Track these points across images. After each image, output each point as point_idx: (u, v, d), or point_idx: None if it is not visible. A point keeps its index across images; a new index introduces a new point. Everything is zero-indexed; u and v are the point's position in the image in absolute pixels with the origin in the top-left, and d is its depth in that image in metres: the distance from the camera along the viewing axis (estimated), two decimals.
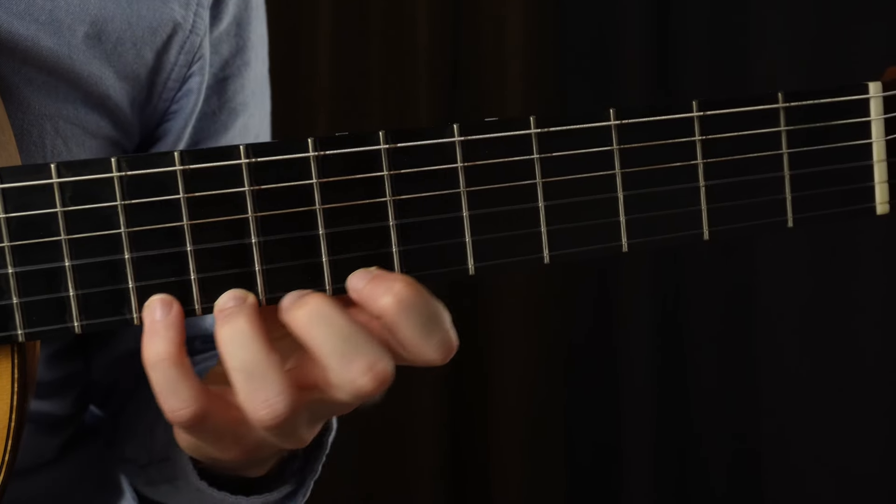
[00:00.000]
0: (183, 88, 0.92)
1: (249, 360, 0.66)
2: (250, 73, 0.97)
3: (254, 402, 0.66)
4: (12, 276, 0.67)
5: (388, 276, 0.68)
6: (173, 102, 0.92)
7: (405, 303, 0.68)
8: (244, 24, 0.96)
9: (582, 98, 2.34)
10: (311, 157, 0.69)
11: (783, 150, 0.75)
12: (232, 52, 0.96)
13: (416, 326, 0.68)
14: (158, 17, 0.88)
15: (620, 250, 0.73)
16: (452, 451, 2.36)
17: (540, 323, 2.35)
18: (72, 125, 0.85)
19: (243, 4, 0.96)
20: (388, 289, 0.68)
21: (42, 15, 0.82)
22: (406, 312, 0.68)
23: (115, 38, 0.86)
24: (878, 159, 0.75)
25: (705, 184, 0.74)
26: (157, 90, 0.91)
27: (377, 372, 0.66)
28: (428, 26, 2.29)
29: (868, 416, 2.33)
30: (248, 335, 0.67)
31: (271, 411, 0.66)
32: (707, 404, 2.38)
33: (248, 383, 0.66)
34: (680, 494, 2.41)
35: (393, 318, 0.68)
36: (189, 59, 0.91)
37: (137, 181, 0.68)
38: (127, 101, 0.89)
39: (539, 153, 0.72)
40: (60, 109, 0.84)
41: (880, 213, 0.76)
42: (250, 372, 0.66)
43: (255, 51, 0.97)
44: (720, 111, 0.73)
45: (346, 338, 0.66)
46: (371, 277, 0.69)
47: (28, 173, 0.67)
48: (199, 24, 0.91)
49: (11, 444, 0.71)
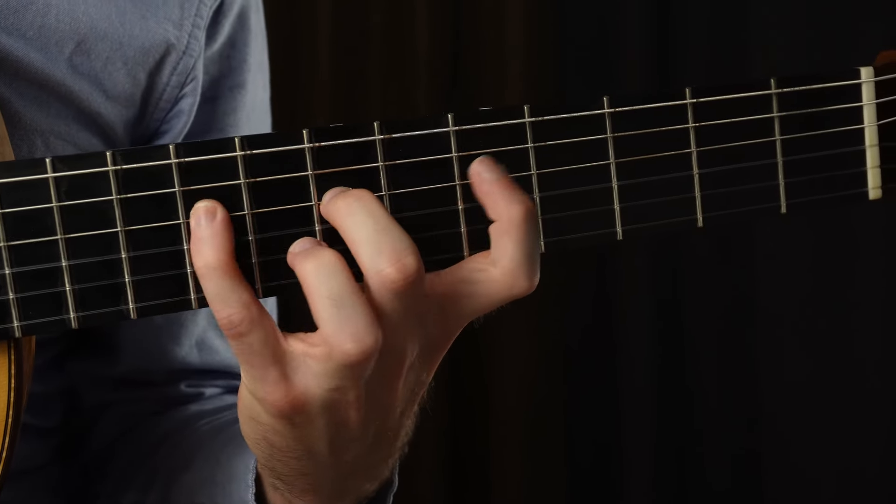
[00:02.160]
0: (174, 109, 0.91)
1: (339, 289, 0.66)
2: (245, 96, 0.96)
3: (342, 333, 0.66)
4: (8, 273, 0.67)
5: (519, 188, 0.70)
6: (163, 122, 0.92)
7: (529, 215, 0.69)
8: (239, 46, 0.95)
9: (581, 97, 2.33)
10: (306, 149, 0.69)
11: (776, 137, 0.75)
12: (223, 73, 0.95)
13: (529, 244, 0.69)
14: (152, 37, 0.88)
15: (615, 238, 0.73)
16: (452, 451, 2.36)
17: (539, 322, 2.34)
18: (63, 141, 0.85)
19: (239, 25, 0.95)
20: (517, 200, 0.69)
21: (30, 30, 0.82)
22: (526, 226, 0.69)
23: (105, 57, 0.86)
24: (871, 144, 0.76)
25: (699, 172, 0.74)
26: (149, 110, 0.90)
27: (404, 264, 0.66)
28: (428, 26, 2.29)
29: (868, 415, 2.32)
30: (336, 266, 0.66)
31: (359, 344, 0.66)
32: (707, 403, 2.37)
33: (338, 312, 0.66)
34: (680, 494, 2.41)
35: (512, 227, 0.69)
36: (181, 80, 0.91)
37: (132, 175, 0.68)
38: (119, 119, 0.88)
39: (533, 142, 0.72)
40: (52, 125, 0.84)
41: (872, 197, 0.76)
42: (341, 301, 0.66)
43: (250, 74, 0.96)
44: (713, 98, 0.74)
45: (381, 228, 0.67)
46: (501, 177, 0.70)
47: (23, 168, 0.67)
48: (193, 46, 0.91)
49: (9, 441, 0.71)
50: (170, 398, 0.98)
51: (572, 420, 2.39)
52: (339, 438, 0.71)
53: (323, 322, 0.66)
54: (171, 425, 0.96)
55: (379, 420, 0.72)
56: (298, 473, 0.74)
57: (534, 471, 2.36)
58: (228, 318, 0.67)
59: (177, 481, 0.90)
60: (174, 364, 0.96)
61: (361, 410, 0.70)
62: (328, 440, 0.71)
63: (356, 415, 0.70)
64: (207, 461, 0.88)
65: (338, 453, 0.72)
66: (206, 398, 0.98)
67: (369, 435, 0.72)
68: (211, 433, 0.92)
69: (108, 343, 0.96)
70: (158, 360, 0.96)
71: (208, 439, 0.91)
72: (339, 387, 0.68)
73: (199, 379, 0.98)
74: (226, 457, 0.86)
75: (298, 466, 0.73)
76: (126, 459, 0.96)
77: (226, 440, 0.89)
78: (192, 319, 0.96)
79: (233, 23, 0.94)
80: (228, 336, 0.68)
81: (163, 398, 0.97)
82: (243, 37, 0.95)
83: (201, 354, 0.97)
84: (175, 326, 0.96)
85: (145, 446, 0.95)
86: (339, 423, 0.70)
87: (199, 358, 0.97)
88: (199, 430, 0.94)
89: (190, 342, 0.96)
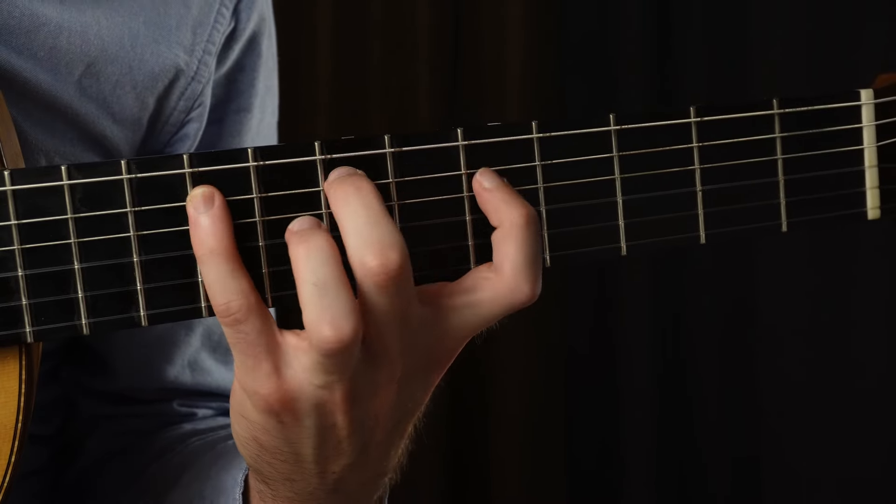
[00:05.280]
0: (179, 133, 0.92)
1: (326, 275, 0.66)
2: (251, 120, 0.96)
3: (322, 319, 0.66)
4: (21, 278, 0.68)
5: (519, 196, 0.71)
6: (168, 145, 0.92)
7: (531, 220, 0.70)
8: (248, 70, 0.95)
9: (581, 98, 2.34)
10: (318, 161, 0.70)
11: (778, 156, 0.76)
12: (229, 96, 0.95)
13: (530, 249, 0.70)
14: (161, 62, 0.88)
15: (619, 253, 0.75)
16: (452, 451, 2.36)
17: (540, 325, 2.34)
18: (68, 161, 0.84)
19: (249, 50, 0.95)
20: (518, 205, 0.70)
21: (41, 51, 0.82)
22: (527, 230, 0.70)
23: (115, 81, 0.86)
24: (870, 165, 0.77)
25: (702, 189, 0.75)
26: (154, 133, 0.90)
27: (387, 258, 0.67)
28: (428, 26, 2.30)
29: (868, 419, 2.32)
30: (327, 252, 0.67)
31: (337, 331, 0.66)
32: (707, 407, 2.37)
33: (321, 299, 0.66)
34: (680, 497, 2.41)
35: (513, 232, 0.70)
36: (189, 105, 0.91)
37: (146, 184, 0.69)
38: (124, 142, 0.88)
39: (540, 157, 0.73)
40: (57, 146, 0.84)
41: (871, 217, 0.78)
42: (325, 287, 0.66)
43: (258, 99, 0.96)
44: (717, 117, 0.75)
45: (372, 221, 0.67)
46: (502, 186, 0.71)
47: (38, 175, 0.68)
48: (202, 72, 0.90)
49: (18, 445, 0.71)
50: (163, 416, 0.98)
51: (573, 423, 2.39)
52: (326, 444, 0.71)
53: (305, 308, 0.67)
54: (164, 443, 0.96)
55: (367, 432, 0.72)
56: (284, 478, 0.74)
57: (534, 474, 2.36)
58: (227, 304, 0.67)
59: (167, 497, 0.91)
60: (165, 383, 0.97)
61: (349, 415, 0.70)
62: (315, 444, 0.71)
63: (343, 419, 0.70)
64: (197, 477, 0.89)
65: (324, 461, 0.72)
66: (198, 419, 0.98)
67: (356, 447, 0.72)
68: (202, 449, 0.93)
69: (101, 358, 0.96)
70: (150, 379, 0.96)
71: (199, 455, 0.92)
72: (325, 383, 0.68)
73: (192, 399, 0.98)
74: (215, 471, 0.87)
75: (284, 470, 0.73)
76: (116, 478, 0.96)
77: (216, 456, 0.89)
78: (185, 340, 0.96)
79: (243, 47, 0.94)
80: (225, 324, 0.68)
81: (155, 415, 0.98)
82: (252, 61, 0.95)
83: (193, 375, 0.97)
84: (168, 346, 0.96)
85: (136, 466, 0.95)
86: (326, 426, 0.70)
87: (191, 378, 0.97)
88: (191, 446, 0.94)
89: (182, 362, 0.96)
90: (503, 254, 0.70)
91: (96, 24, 0.84)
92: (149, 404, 0.98)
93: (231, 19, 0.92)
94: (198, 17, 0.90)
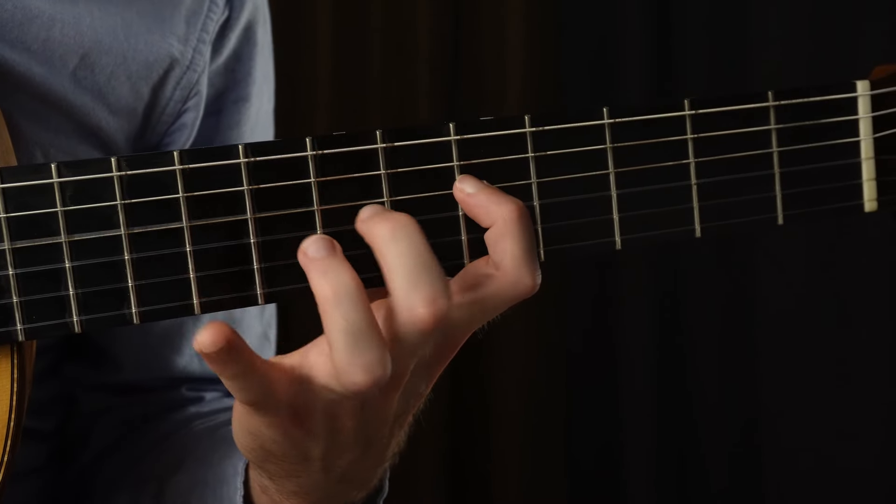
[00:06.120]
0: (177, 123, 0.91)
1: (360, 322, 0.63)
2: (249, 109, 0.96)
3: (353, 364, 0.63)
4: (13, 276, 0.68)
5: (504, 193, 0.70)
6: (165, 136, 0.91)
7: (523, 213, 0.69)
8: (244, 60, 0.95)
9: (581, 99, 2.34)
10: (309, 156, 0.70)
11: (773, 149, 0.76)
12: (227, 86, 0.94)
13: (527, 241, 0.69)
14: (155, 51, 0.87)
15: (614, 247, 0.74)
16: (452, 451, 2.36)
17: (539, 324, 2.35)
18: (63, 154, 0.84)
19: (245, 39, 0.95)
20: (508, 200, 0.69)
21: (35, 44, 0.82)
22: (521, 223, 0.69)
23: (109, 72, 0.85)
24: (866, 157, 0.76)
25: (697, 182, 0.75)
26: (151, 124, 0.90)
27: (438, 307, 0.64)
28: (428, 26, 2.30)
29: (867, 415, 2.32)
30: (355, 293, 0.63)
31: (371, 376, 0.63)
32: (707, 404, 2.38)
33: (354, 346, 0.63)
34: (680, 494, 2.41)
35: (508, 227, 0.69)
36: (185, 94, 0.90)
37: (137, 180, 0.68)
38: (121, 133, 0.88)
39: (534, 151, 0.72)
40: (52, 139, 0.84)
41: (868, 210, 0.77)
42: (359, 335, 0.63)
43: (255, 87, 0.96)
44: (711, 110, 0.74)
45: (422, 265, 0.64)
46: (485, 186, 0.70)
47: (28, 173, 0.68)
48: (197, 61, 0.90)
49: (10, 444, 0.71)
50: (169, 402, 0.98)
51: (573, 421, 2.39)
52: (334, 445, 0.71)
53: (335, 350, 0.64)
54: (168, 428, 0.96)
55: (372, 428, 0.71)
56: (289, 474, 0.74)
57: (534, 474, 2.36)
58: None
59: (170, 482, 0.90)
60: (174, 372, 0.96)
61: (358, 419, 0.69)
62: (323, 447, 0.71)
63: (352, 423, 0.69)
64: (200, 463, 0.88)
65: (330, 458, 0.72)
66: (205, 401, 0.98)
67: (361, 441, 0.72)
68: (205, 433, 0.93)
69: (106, 353, 0.96)
70: (159, 370, 0.96)
71: (201, 440, 0.92)
72: (339, 401, 0.67)
73: (200, 384, 0.98)
74: (217, 458, 0.86)
75: (290, 468, 0.73)
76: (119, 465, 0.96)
77: (218, 441, 0.89)
78: (193, 329, 0.96)
79: (239, 36, 0.94)
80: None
81: (162, 402, 0.98)
82: (249, 50, 0.95)
83: (202, 363, 0.97)
84: (176, 336, 0.96)
85: (138, 451, 0.95)
86: (335, 430, 0.70)
87: (199, 366, 0.97)
88: (194, 430, 0.94)
89: (191, 351, 0.96)
90: (501, 250, 0.70)
91: (89, 15, 0.84)
92: (157, 392, 0.98)
93: (225, 8, 0.92)
94: (191, 6, 0.90)
